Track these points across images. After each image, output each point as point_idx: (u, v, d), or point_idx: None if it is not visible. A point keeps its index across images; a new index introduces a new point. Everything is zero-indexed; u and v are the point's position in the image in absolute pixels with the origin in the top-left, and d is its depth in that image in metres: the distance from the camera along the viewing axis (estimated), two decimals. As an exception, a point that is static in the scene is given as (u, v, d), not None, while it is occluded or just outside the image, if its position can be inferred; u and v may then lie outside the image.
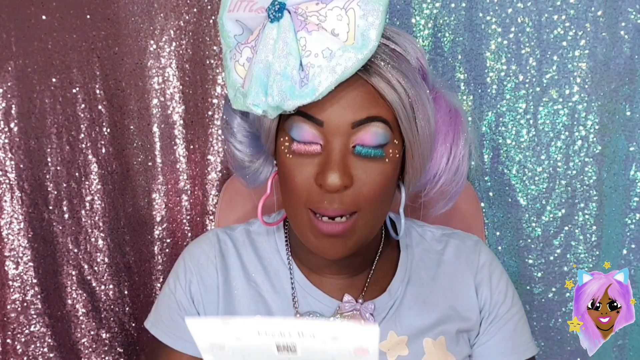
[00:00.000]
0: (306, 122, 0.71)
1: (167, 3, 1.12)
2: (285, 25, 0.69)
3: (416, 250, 0.87)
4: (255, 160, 0.82)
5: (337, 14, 0.68)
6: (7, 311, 1.18)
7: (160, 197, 1.19)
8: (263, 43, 0.70)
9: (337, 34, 0.68)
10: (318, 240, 0.74)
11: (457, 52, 1.11)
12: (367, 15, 0.67)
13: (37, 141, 1.15)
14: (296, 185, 0.72)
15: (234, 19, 0.75)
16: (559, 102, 1.11)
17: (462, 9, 1.09)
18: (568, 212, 1.14)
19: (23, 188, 1.15)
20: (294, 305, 0.82)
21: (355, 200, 0.72)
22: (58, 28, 1.11)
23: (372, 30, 0.67)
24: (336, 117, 0.70)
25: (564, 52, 1.09)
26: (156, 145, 1.17)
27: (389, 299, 0.83)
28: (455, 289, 0.85)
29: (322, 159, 0.71)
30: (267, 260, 0.85)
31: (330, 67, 0.67)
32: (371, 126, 0.70)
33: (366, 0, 0.68)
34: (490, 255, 0.88)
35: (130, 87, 1.15)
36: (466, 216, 1.08)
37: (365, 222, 0.74)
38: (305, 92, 0.68)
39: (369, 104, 0.70)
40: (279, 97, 0.68)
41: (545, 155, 1.13)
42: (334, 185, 0.69)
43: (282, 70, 0.68)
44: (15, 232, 1.16)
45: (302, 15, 0.69)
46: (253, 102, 0.70)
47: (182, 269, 0.85)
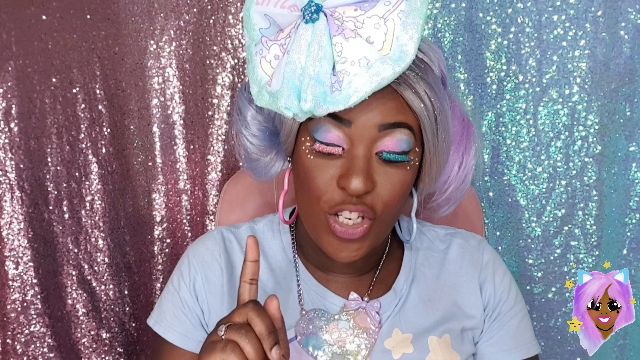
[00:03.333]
0: (332, 122, 0.71)
1: (167, 3, 1.12)
2: (320, 28, 0.68)
3: (420, 250, 0.88)
4: (266, 154, 0.81)
5: (375, 22, 0.68)
6: (7, 311, 1.18)
7: (160, 197, 1.19)
8: (296, 44, 0.69)
9: (373, 42, 0.68)
10: (333, 244, 0.75)
11: (457, 52, 1.11)
12: (406, 27, 0.68)
13: (37, 141, 1.15)
14: (317, 186, 0.73)
15: (262, 13, 0.73)
16: (559, 102, 1.11)
17: (462, 9, 1.09)
18: (568, 212, 1.14)
19: (23, 188, 1.15)
20: (299, 302, 0.82)
21: (373, 205, 0.73)
22: (58, 28, 1.11)
23: (411, 43, 0.68)
24: (364, 119, 0.70)
25: (564, 52, 1.09)
26: (156, 145, 1.17)
27: (394, 297, 0.83)
28: (460, 287, 0.86)
29: (345, 162, 0.72)
30: (272, 258, 0.86)
31: (367, 77, 0.67)
32: (397, 132, 0.71)
33: (407, 13, 0.68)
34: (493, 254, 0.89)
35: (130, 87, 1.15)
36: (466, 216, 1.08)
37: (380, 228, 0.75)
38: (337, 99, 0.68)
39: (396, 111, 0.71)
40: (312, 103, 0.68)
41: (545, 155, 1.13)
42: (358, 189, 0.70)
43: (315, 75, 0.68)
44: (15, 232, 1.16)
45: (339, 20, 0.68)
46: (285, 106, 0.70)
47: (186, 266, 0.85)
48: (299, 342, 0.79)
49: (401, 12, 0.67)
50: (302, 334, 0.80)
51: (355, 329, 0.80)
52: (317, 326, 0.80)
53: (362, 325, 0.80)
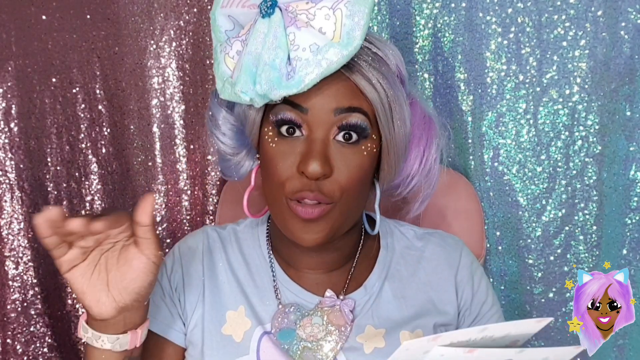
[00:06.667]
0: (292, 110, 0.75)
1: (167, 3, 1.12)
2: (276, 21, 0.73)
3: (397, 248, 0.91)
4: (237, 153, 0.84)
5: (325, 14, 0.73)
6: (7, 311, 1.18)
7: (160, 197, 1.19)
8: (254, 36, 0.74)
9: (324, 32, 0.73)
10: (297, 226, 0.77)
11: (457, 52, 1.11)
12: (353, 15, 0.72)
13: (37, 141, 1.15)
14: (277, 172, 0.76)
15: (226, 15, 0.79)
16: (559, 102, 1.11)
17: (462, 9, 1.09)
18: (568, 212, 1.14)
19: (23, 188, 1.15)
20: (276, 296, 0.85)
21: (332, 191, 0.76)
22: (58, 28, 1.11)
23: (357, 30, 0.72)
24: (320, 105, 0.74)
25: (564, 52, 1.09)
26: (156, 145, 1.17)
27: (365, 294, 0.86)
28: (435, 283, 0.88)
29: (304, 148, 0.75)
30: (249, 255, 0.88)
31: (316, 61, 0.72)
32: (352, 116, 0.75)
33: (353, 2, 0.72)
34: (471, 257, 0.92)
35: (130, 87, 1.15)
36: (466, 216, 1.08)
37: (341, 211, 0.78)
38: (291, 84, 0.72)
39: (350, 96, 0.75)
40: (266, 86, 0.73)
41: (545, 155, 1.13)
42: (315, 172, 0.73)
43: (270, 62, 0.72)
44: (15, 232, 1.16)
45: (292, 13, 0.73)
46: (242, 90, 0.74)
47: (170, 259, 0.89)
48: (273, 334, 0.82)
49: (348, 2, 0.72)
50: (277, 327, 0.83)
51: (328, 325, 0.82)
52: (292, 321, 0.83)
53: (335, 322, 0.83)
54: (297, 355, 0.81)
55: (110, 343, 0.71)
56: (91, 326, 0.72)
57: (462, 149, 1.15)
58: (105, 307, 0.68)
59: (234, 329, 0.83)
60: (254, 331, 0.83)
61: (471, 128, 1.13)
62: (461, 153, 1.15)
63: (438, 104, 1.15)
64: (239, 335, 0.83)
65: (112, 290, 0.68)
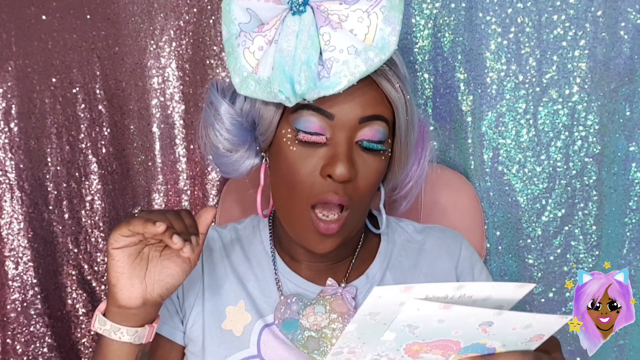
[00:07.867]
0: (315, 115, 0.75)
1: (167, 3, 1.12)
2: (308, 19, 0.72)
3: (398, 241, 0.92)
4: (237, 149, 0.84)
5: (358, 16, 0.73)
6: (7, 311, 1.18)
7: (160, 197, 1.19)
8: (284, 33, 0.73)
9: (356, 34, 0.72)
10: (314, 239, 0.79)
11: (457, 52, 1.11)
12: (388, 20, 0.73)
13: (37, 141, 1.15)
14: (300, 178, 0.76)
15: (244, 7, 0.77)
16: (559, 102, 1.11)
17: (462, 9, 1.09)
18: (568, 212, 1.14)
19: (23, 188, 1.15)
20: (278, 288, 0.85)
21: (352, 195, 0.76)
22: (58, 28, 1.11)
23: (393, 35, 0.73)
24: (347, 111, 0.75)
25: (564, 52, 1.09)
26: (156, 145, 1.17)
27: (366, 282, 0.87)
28: (436, 274, 0.89)
29: (328, 151, 0.75)
30: (250, 251, 0.89)
31: (355, 64, 0.71)
32: (374, 124, 0.76)
33: (389, 7, 0.73)
34: (471, 249, 0.94)
35: (130, 87, 1.15)
36: (466, 216, 1.08)
37: (354, 217, 0.79)
38: (325, 85, 0.72)
39: (375, 103, 0.76)
40: (306, 86, 0.72)
41: (545, 155, 1.13)
42: (343, 175, 0.74)
43: (306, 60, 0.72)
44: (15, 232, 1.16)
45: (324, 12, 0.73)
46: (279, 89, 0.73)
47: None
48: (277, 325, 0.83)
49: (383, 7, 0.73)
50: (280, 318, 0.83)
51: (330, 314, 0.83)
52: (294, 311, 0.83)
53: (338, 310, 0.83)
54: (301, 344, 0.82)
55: (129, 336, 0.72)
56: (110, 318, 0.72)
57: (462, 149, 1.15)
58: (136, 294, 0.70)
59: (234, 323, 0.84)
60: (254, 325, 0.83)
61: (471, 128, 1.13)
62: (461, 153, 1.15)
63: (438, 104, 1.15)
64: (238, 329, 0.83)
65: (147, 280, 0.71)
